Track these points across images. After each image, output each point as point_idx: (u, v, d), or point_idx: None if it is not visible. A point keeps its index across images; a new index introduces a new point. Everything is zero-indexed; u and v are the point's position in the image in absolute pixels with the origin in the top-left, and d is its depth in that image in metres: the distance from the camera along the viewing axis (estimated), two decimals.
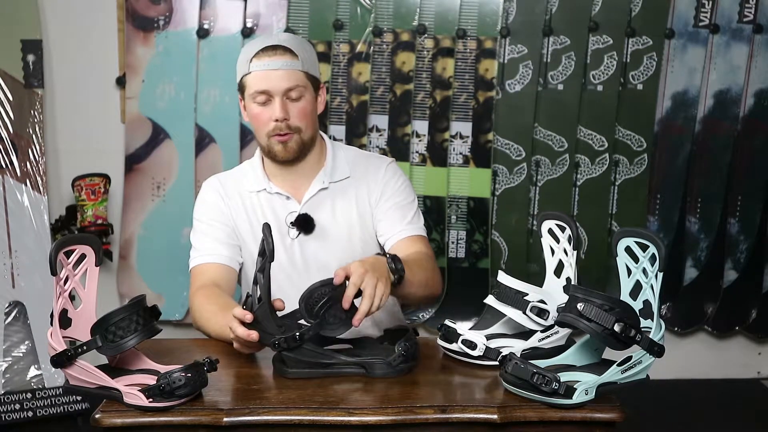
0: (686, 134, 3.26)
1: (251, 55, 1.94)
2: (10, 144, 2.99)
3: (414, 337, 1.66)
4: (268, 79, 1.92)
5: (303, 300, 1.60)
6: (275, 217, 2.02)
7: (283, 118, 1.92)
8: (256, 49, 1.94)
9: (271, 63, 1.92)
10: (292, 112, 1.94)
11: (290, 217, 2.01)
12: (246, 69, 1.95)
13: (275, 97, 1.92)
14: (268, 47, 1.93)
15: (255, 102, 1.94)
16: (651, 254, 1.47)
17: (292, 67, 1.93)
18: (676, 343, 3.39)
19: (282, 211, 2.03)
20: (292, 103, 1.94)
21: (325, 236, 2.02)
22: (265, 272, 1.57)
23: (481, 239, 3.26)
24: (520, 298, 1.65)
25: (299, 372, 1.60)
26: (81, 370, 1.48)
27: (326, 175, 2.04)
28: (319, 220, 2.02)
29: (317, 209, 2.03)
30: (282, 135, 1.94)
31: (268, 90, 1.92)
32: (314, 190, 2.03)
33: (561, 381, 1.44)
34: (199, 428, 1.44)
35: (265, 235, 1.59)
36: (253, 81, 1.93)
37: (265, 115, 1.94)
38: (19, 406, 2.90)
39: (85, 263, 1.54)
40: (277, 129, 1.94)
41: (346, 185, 2.06)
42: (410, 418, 1.44)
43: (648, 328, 1.49)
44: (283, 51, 1.93)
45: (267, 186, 2.03)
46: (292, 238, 2.02)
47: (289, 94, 1.93)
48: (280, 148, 1.96)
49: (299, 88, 1.93)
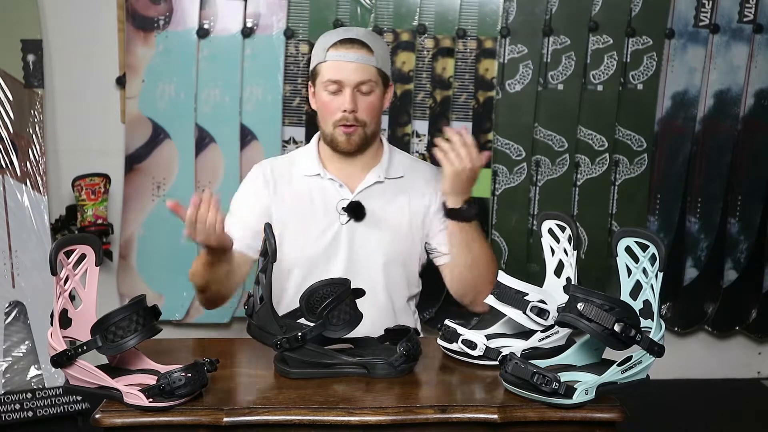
0: (686, 134, 3.26)
1: (329, 44, 1.99)
2: (10, 144, 2.99)
3: (416, 337, 1.66)
4: (342, 70, 1.97)
5: (303, 299, 1.60)
6: (326, 202, 2.06)
7: (352, 110, 1.98)
8: (334, 39, 1.99)
9: (347, 55, 1.97)
10: (361, 105, 1.99)
11: (342, 203, 2.05)
12: (322, 57, 2.00)
13: (346, 89, 1.98)
14: (345, 39, 1.99)
15: (326, 90, 2.00)
16: (651, 254, 1.47)
17: (367, 61, 1.99)
18: (676, 343, 3.39)
19: (334, 197, 2.06)
20: (361, 96, 1.99)
21: (375, 225, 2.05)
22: (267, 272, 1.57)
23: None
24: (520, 298, 1.65)
25: (301, 372, 1.60)
26: (81, 370, 1.48)
27: (382, 170, 2.09)
28: (370, 209, 2.05)
29: (370, 200, 2.06)
30: (348, 126, 2.00)
31: (341, 80, 1.98)
32: (370, 181, 2.07)
33: (561, 381, 1.44)
34: (199, 428, 1.44)
35: (267, 235, 1.59)
36: (328, 70, 1.99)
37: (335, 104, 1.99)
38: (19, 406, 2.90)
39: (85, 263, 1.54)
40: (344, 119, 1.99)
41: (401, 184, 2.10)
42: (410, 418, 1.44)
43: (648, 328, 1.49)
44: (360, 45, 1.99)
45: (321, 171, 2.07)
46: (342, 224, 2.04)
47: (360, 87, 1.99)
48: (343, 139, 2.02)
49: (370, 82, 1.99)
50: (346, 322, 1.60)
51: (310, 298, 1.60)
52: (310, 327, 1.58)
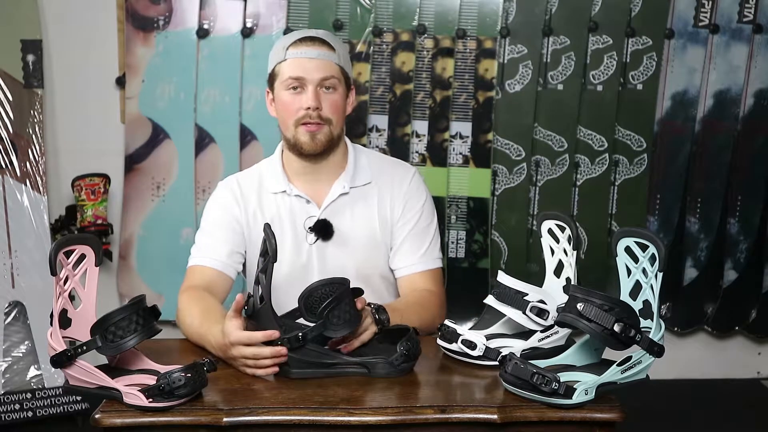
0: (686, 134, 3.26)
1: (288, 43, 1.94)
2: (10, 144, 2.99)
3: (415, 337, 1.66)
4: (303, 66, 1.92)
5: (302, 299, 1.60)
6: (294, 221, 2.00)
7: (315, 106, 1.91)
8: (293, 38, 1.95)
9: (308, 51, 1.92)
10: (325, 102, 1.92)
11: (309, 222, 1.99)
12: (282, 56, 1.94)
13: (308, 86, 1.92)
14: (306, 38, 1.95)
15: (287, 89, 1.93)
16: (651, 254, 1.47)
17: (329, 57, 1.93)
18: (676, 343, 3.38)
19: (301, 215, 2.00)
20: (325, 93, 1.93)
21: (344, 243, 2.00)
22: (267, 272, 1.57)
23: (480, 239, 3.26)
24: (519, 298, 1.65)
25: (302, 372, 1.59)
26: (81, 370, 1.48)
27: (347, 180, 2.01)
28: (338, 226, 1.99)
29: (337, 215, 2.00)
30: (312, 124, 1.92)
31: (303, 77, 1.91)
32: (335, 194, 2.00)
33: (561, 381, 1.44)
34: (199, 428, 1.44)
35: (267, 235, 1.59)
36: (288, 67, 1.93)
37: (296, 103, 1.92)
38: (19, 406, 2.89)
39: (84, 263, 1.54)
40: (307, 117, 1.92)
41: (368, 191, 2.03)
42: (410, 418, 1.44)
43: (648, 328, 1.49)
44: (321, 42, 1.94)
45: (287, 188, 2.01)
46: (309, 244, 2.00)
47: (323, 84, 1.92)
48: (307, 139, 1.93)
49: (333, 79, 1.93)
50: (346, 321, 1.59)
51: (309, 298, 1.59)
52: (310, 327, 1.58)
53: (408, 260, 2.03)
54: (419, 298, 1.96)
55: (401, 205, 2.04)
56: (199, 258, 1.99)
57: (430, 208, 2.09)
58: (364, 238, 2.02)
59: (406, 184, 2.06)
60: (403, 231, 2.03)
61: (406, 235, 2.03)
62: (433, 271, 2.05)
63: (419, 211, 2.05)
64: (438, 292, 2.04)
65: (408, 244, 2.03)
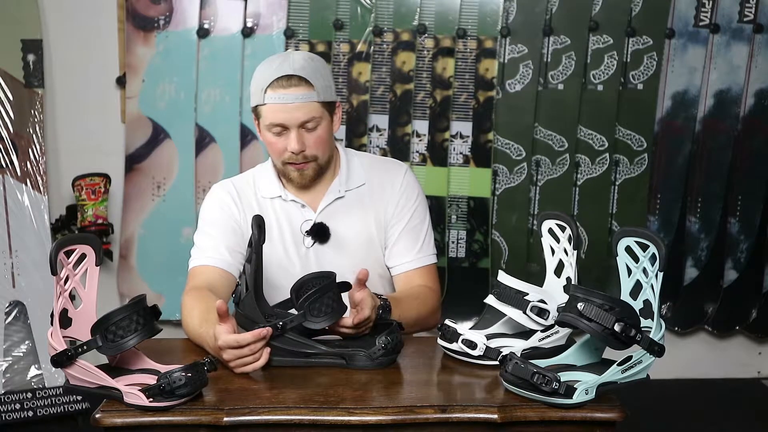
0: (686, 134, 3.26)
1: (265, 84, 1.87)
2: (11, 144, 2.99)
3: (397, 331, 1.67)
4: (283, 112, 1.87)
5: (294, 290, 1.65)
6: (291, 225, 2.00)
7: (300, 150, 1.89)
8: (270, 78, 1.87)
9: (286, 96, 1.86)
10: (308, 142, 1.90)
11: (305, 226, 1.99)
12: (260, 99, 1.89)
13: (291, 130, 1.89)
14: (282, 77, 1.87)
15: (270, 132, 1.91)
16: (651, 254, 1.47)
17: (308, 99, 1.87)
18: (676, 343, 3.39)
19: (298, 219, 2.00)
20: (307, 133, 1.90)
21: (341, 245, 2.01)
22: (252, 262, 1.59)
23: (481, 239, 3.26)
24: (520, 297, 1.65)
25: (281, 360, 1.63)
26: (81, 369, 1.48)
27: (341, 184, 2.02)
28: (335, 229, 2.00)
29: (333, 218, 2.00)
30: (298, 164, 1.92)
31: (284, 123, 1.88)
32: (330, 199, 2.00)
33: (561, 381, 1.44)
34: (199, 428, 1.44)
35: (252, 226, 1.61)
36: (268, 113, 1.89)
37: (281, 144, 1.91)
38: (19, 405, 2.90)
39: (85, 263, 1.54)
40: (292, 159, 1.91)
41: (363, 192, 2.04)
42: (410, 418, 1.44)
43: (648, 327, 1.49)
44: (298, 81, 1.87)
45: (282, 193, 2.01)
46: (307, 247, 2.00)
47: (305, 125, 1.89)
48: (296, 175, 1.95)
49: (315, 119, 1.89)
50: (327, 314, 1.61)
51: (299, 290, 1.64)
52: (291, 317, 1.60)
53: (404, 258, 2.04)
54: (418, 293, 1.99)
55: (395, 202, 2.05)
56: (199, 258, 1.99)
57: (423, 203, 2.10)
58: (360, 239, 2.02)
59: (398, 182, 2.06)
60: (397, 228, 2.05)
61: (401, 232, 2.05)
62: (429, 267, 2.07)
63: (412, 208, 2.06)
64: (435, 288, 2.06)
65: (403, 242, 2.04)
